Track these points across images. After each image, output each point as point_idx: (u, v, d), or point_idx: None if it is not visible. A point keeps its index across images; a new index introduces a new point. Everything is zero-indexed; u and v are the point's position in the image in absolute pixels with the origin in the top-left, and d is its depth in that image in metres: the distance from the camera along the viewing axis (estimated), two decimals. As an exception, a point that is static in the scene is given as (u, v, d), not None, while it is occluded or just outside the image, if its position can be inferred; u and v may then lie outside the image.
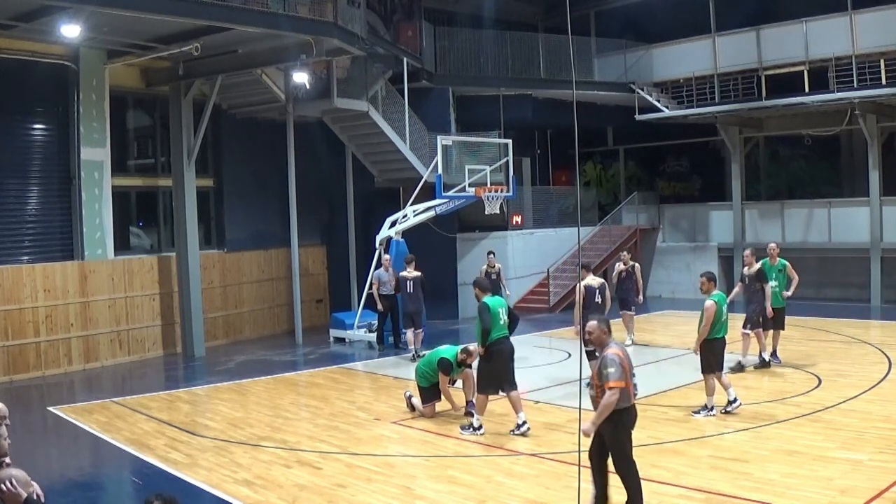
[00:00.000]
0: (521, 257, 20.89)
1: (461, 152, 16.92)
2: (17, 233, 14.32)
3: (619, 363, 6.21)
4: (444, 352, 10.16)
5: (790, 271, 12.59)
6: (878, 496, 6.66)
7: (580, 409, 6.15)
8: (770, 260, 12.58)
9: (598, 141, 25.89)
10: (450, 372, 9.98)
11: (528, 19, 23.41)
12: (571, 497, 6.73)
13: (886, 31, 17.62)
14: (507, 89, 21.45)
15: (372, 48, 16.68)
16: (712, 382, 9.59)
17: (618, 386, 6.14)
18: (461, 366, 10.01)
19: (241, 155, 18.45)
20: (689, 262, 22.59)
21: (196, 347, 15.95)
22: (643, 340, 15.28)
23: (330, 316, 18.26)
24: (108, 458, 9.41)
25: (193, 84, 15.74)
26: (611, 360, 6.24)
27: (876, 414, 9.33)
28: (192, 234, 16.01)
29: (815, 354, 13.25)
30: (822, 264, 20.63)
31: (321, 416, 10.71)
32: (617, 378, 6.15)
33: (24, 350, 13.97)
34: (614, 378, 6.15)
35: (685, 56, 21.25)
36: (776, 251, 12.77)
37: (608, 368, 6.19)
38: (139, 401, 11.94)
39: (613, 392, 6.14)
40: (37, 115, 14.67)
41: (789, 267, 12.58)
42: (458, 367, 10.02)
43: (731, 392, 9.61)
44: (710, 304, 9.55)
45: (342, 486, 7.66)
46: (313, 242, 20.34)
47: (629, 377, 6.31)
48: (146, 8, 12.12)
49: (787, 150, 23.28)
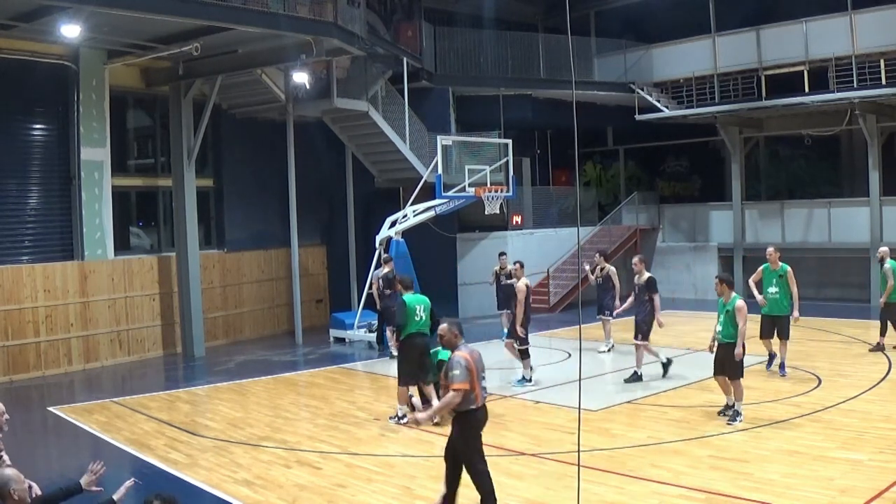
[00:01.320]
0: (521, 257, 20.63)
1: (461, 152, 16.93)
2: (17, 233, 14.32)
3: (465, 366, 6.36)
4: (444, 354, 10.14)
5: (790, 280, 11.76)
6: (878, 496, 6.66)
7: (580, 409, 6.16)
8: (771, 265, 11.88)
9: (598, 141, 25.89)
10: None
11: (527, 19, 23.41)
12: (571, 497, 6.73)
13: (886, 31, 17.62)
14: (507, 89, 21.45)
15: (372, 48, 16.68)
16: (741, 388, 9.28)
17: (460, 388, 6.31)
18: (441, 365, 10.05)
19: (241, 155, 18.45)
20: (689, 262, 22.61)
21: (196, 347, 15.95)
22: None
23: (330, 316, 18.26)
24: (108, 458, 9.35)
25: (193, 84, 15.74)
26: (457, 362, 6.39)
27: (876, 414, 9.34)
28: (192, 234, 16.01)
29: (815, 354, 13.25)
30: (822, 264, 20.63)
31: (321, 416, 10.71)
32: (461, 380, 6.30)
33: (24, 350, 13.97)
34: (458, 380, 6.31)
35: (685, 56, 21.25)
36: (775, 255, 11.95)
37: (453, 370, 6.35)
38: (139, 401, 11.94)
39: (455, 394, 6.32)
40: (37, 115, 14.67)
41: (790, 274, 11.79)
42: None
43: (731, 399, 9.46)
44: (742, 303, 9.26)
45: (342, 486, 7.66)
46: (313, 242, 20.34)
47: (477, 380, 6.43)
48: (146, 8, 12.12)
49: (787, 150, 23.28)
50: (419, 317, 10.11)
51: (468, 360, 6.41)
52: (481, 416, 6.55)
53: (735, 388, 9.30)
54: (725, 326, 9.30)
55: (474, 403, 6.43)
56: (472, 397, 6.39)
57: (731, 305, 9.27)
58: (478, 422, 6.53)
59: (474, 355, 6.54)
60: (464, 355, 6.45)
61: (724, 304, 9.43)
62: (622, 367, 12.66)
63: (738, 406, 9.27)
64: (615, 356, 14.01)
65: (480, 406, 6.50)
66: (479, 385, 6.46)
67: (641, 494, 7.06)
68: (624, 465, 7.88)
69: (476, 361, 6.49)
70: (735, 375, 9.25)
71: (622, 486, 7.28)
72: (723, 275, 9.73)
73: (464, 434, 6.50)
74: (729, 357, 9.21)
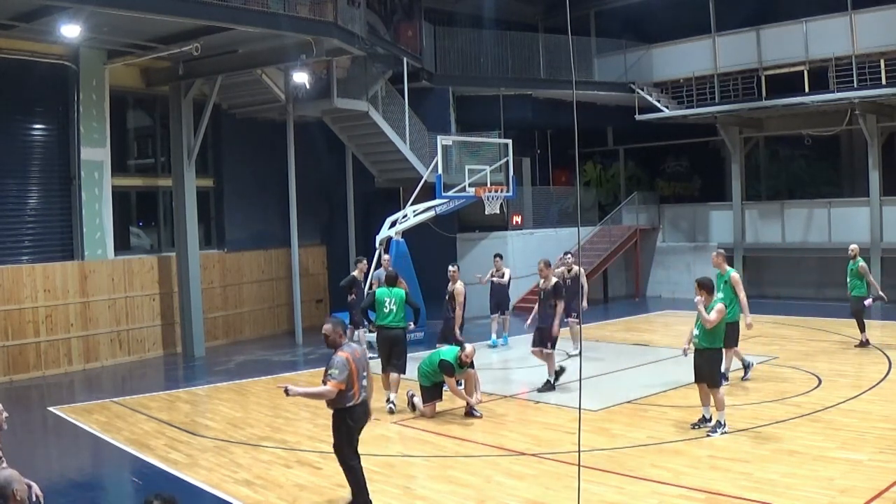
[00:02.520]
0: (521, 257, 20.86)
1: (461, 152, 16.94)
2: (17, 233, 14.32)
3: (346, 365, 6.58)
4: (445, 353, 10.17)
5: (736, 285, 10.96)
6: (878, 496, 6.65)
7: (580, 409, 6.16)
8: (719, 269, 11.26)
9: (598, 141, 25.89)
10: (453, 373, 9.99)
11: (528, 19, 23.41)
12: (571, 497, 6.73)
13: (886, 31, 17.63)
14: (507, 89, 21.46)
15: (372, 48, 16.69)
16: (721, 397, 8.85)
17: (337, 388, 6.54)
18: (462, 366, 10.03)
19: (241, 155, 18.45)
20: (689, 262, 22.60)
21: (196, 347, 15.95)
22: (643, 340, 15.26)
23: (330, 316, 18.23)
24: (108, 458, 9.41)
25: (193, 84, 15.74)
26: (338, 361, 6.60)
27: (876, 414, 9.33)
28: (192, 234, 16.01)
29: (815, 354, 13.25)
30: (822, 264, 20.63)
31: (321, 416, 10.65)
32: (338, 380, 6.54)
33: (24, 350, 13.97)
34: (336, 379, 6.54)
35: (685, 56, 21.26)
36: (718, 259, 11.37)
37: (333, 369, 6.58)
38: (139, 401, 11.94)
39: (330, 390, 6.56)
40: (37, 115, 14.67)
41: (734, 279, 11.01)
42: (461, 368, 10.05)
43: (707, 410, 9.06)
44: (722, 305, 8.90)
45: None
46: (313, 242, 20.34)
47: (357, 379, 6.67)
48: (146, 8, 12.12)
49: (787, 150, 23.29)
50: (388, 309, 10.56)
51: (349, 359, 6.63)
52: (360, 412, 6.79)
53: (714, 396, 8.82)
54: (702, 332, 8.88)
55: (352, 401, 6.68)
56: (350, 395, 6.64)
57: (709, 309, 8.82)
58: (355, 418, 6.78)
59: (356, 354, 6.77)
60: (345, 355, 6.65)
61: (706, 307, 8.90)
62: (622, 368, 12.66)
63: (721, 416, 8.78)
64: (616, 356, 13.99)
65: (359, 403, 6.75)
66: (359, 384, 6.71)
67: (641, 494, 7.06)
68: (624, 465, 7.87)
69: (358, 361, 6.72)
70: (714, 384, 8.83)
71: (622, 486, 7.28)
72: (703, 279, 9.22)
73: (339, 429, 6.77)
74: (707, 364, 8.85)
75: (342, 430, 6.78)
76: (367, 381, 6.88)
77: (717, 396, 8.83)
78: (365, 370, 6.81)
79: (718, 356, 9.03)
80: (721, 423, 8.80)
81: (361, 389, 6.74)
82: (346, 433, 6.77)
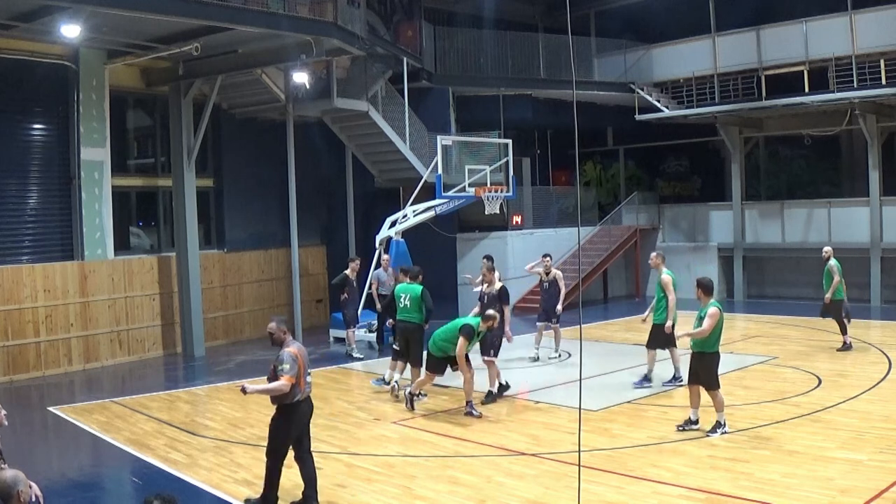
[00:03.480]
0: (521, 257, 20.84)
1: (461, 152, 16.95)
2: (17, 233, 14.32)
3: (294, 360, 6.80)
4: (469, 319, 10.28)
5: (665, 286, 10.97)
6: (878, 496, 6.66)
7: (580, 409, 6.16)
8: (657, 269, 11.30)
9: (598, 141, 25.90)
10: (471, 338, 9.99)
11: (528, 19, 23.41)
12: (571, 497, 6.74)
13: (886, 31, 17.62)
14: (507, 89, 21.46)
15: (372, 48, 16.68)
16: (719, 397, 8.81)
17: (290, 381, 6.76)
18: (480, 335, 10.19)
19: (241, 155, 18.45)
20: (689, 262, 22.58)
21: (196, 347, 15.95)
22: (643, 340, 15.20)
23: (330, 316, 18.25)
24: (108, 458, 9.41)
25: (193, 84, 15.73)
26: (287, 356, 6.82)
27: (876, 414, 9.34)
28: (192, 234, 16.01)
29: (815, 354, 13.26)
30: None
31: (321, 416, 10.66)
32: (290, 374, 6.76)
33: (24, 350, 13.97)
34: (288, 373, 6.75)
35: (685, 56, 21.26)
36: (655, 260, 11.35)
37: (284, 364, 6.79)
38: (139, 401, 11.94)
39: (285, 384, 6.75)
40: (37, 115, 14.67)
41: (664, 282, 11.02)
42: (477, 336, 10.17)
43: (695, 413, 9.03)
44: (715, 310, 8.73)
45: (342, 486, 7.66)
46: (313, 242, 20.34)
47: (303, 376, 6.89)
48: (146, 8, 12.12)
49: (787, 150, 23.29)
50: (403, 304, 11.16)
51: (297, 355, 6.85)
52: (305, 408, 7.02)
53: (713, 398, 8.76)
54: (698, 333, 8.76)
55: (298, 396, 6.88)
56: (296, 390, 6.85)
57: (704, 312, 8.79)
58: (300, 414, 6.98)
59: (302, 351, 6.98)
60: (292, 351, 6.86)
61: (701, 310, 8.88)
62: (623, 368, 12.67)
63: (721, 416, 8.73)
64: (616, 356, 13.98)
65: (304, 399, 6.97)
66: (304, 379, 6.91)
67: (641, 494, 7.06)
68: (624, 465, 7.88)
69: (304, 357, 6.95)
70: (711, 386, 8.75)
71: (622, 486, 7.28)
72: (703, 279, 9.08)
73: (280, 424, 6.94)
74: (703, 366, 8.78)
75: (281, 425, 6.94)
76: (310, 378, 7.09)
77: (715, 398, 8.80)
78: (308, 367, 7.02)
79: (714, 359, 8.90)
80: (721, 423, 8.78)
81: (306, 385, 6.96)
82: (286, 429, 6.93)
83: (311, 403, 7.14)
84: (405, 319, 11.18)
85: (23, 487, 4.09)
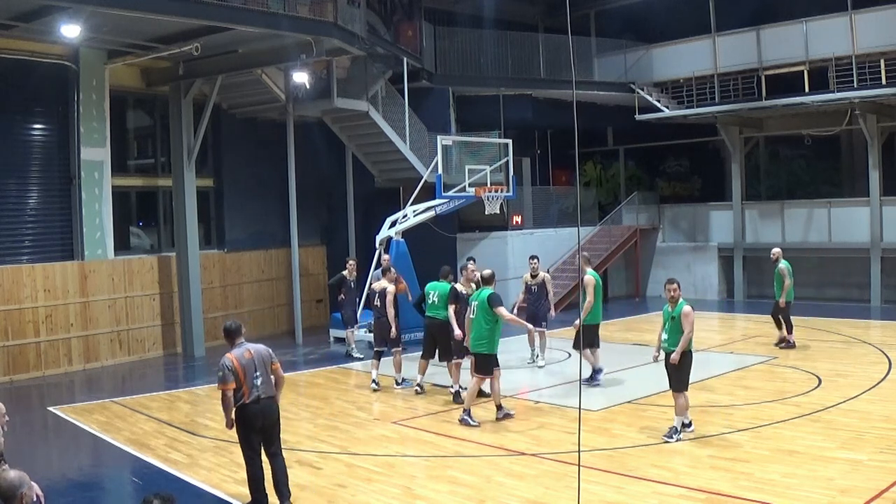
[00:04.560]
0: (521, 257, 20.84)
1: (461, 152, 16.93)
2: (17, 233, 14.31)
3: (229, 368, 6.84)
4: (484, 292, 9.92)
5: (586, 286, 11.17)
6: (878, 496, 6.66)
7: (580, 409, 6.16)
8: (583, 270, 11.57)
9: (598, 141, 25.89)
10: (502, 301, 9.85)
11: (528, 19, 23.40)
12: (571, 497, 6.74)
13: (886, 31, 17.61)
14: (507, 89, 21.46)
15: (372, 48, 16.68)
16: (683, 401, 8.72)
17: (222, 389, 6.86)
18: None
19: (241, 155, 18.45)
20: (689, 262, 22.61)
21: (196, 347, 15.95)
22: (643, 340, 15.23)
23: (330, 316, 18.25)
24: (108, 458, 9.41)
25: (193, 84, 15.74)
26: (222, 365, 6.90)
27: (876, 414, 9.34)
28: (192, 234, 16.01)
29: (815, 354, 13.25)
30: (822, 264, 20.64)
31: (321, 416, 10.71)
32: (223, 382, 6.84)
33: (24, 350, 13.97)
34: (220, 382, 6.88)
35: (685, 56, 21.25)
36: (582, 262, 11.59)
37: (218, 373, 6.92)
38: (139, 401, 11.94)
39: (222, 395, 6.91)
40: (37, 115, 14.66)
41: (586, 281, 11.17)
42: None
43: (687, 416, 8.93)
44: (689, 308, 8.71)
45: (342, 486, 7.67)
46: (313, 242, 20.35)
47: (247, 379, 6.88)
48: (146, 8, 12.12)
49: (787, 150, 23.28)
50: (431, 301, 11.31)
51: (233, 359, 6.87)
52: (252, 410, 6.93)
53: (675, 400, 8.69)
54: (671, 334, 8.79)
55: (241, 400, 6.89)
56: (239, 394, 6.88)
57: (678, 312, 8.76)
58: (248, 416, 6.94)
59: (246, 355, 6.94)
60: (230, 357, 6.91)
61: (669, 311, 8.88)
62: (622, 368, 12.66)
63: (677, 421, 8.65)
64: (617, 356, 13.97)
65: (250, 402, 6.90)
66: (249, 382, 6.89)
67: (641, 494, 7.06)
68: (624, 465, 7.88)
69: (246, 361, 6.91)
70: (678, 387, 8.65)
71: (622, 486, 7.28)
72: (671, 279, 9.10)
73: (237, 428, 7.04)
74: (675, 367, 8.70)
75: (238, 429, 7.02)
76: (265, 380, 6.99)
77: (678, 401, 8.69)
78: (258, 369, 6.94)
79: (689, 360, 8.79)
80: (677, 428, 8.63)
81: (252, 388, 6.89)
82: (240, 433, 7.01)
83: (267, 404, 6.99)
84: (433, 316, 11.29)
85: (26, 490, 4.07)
